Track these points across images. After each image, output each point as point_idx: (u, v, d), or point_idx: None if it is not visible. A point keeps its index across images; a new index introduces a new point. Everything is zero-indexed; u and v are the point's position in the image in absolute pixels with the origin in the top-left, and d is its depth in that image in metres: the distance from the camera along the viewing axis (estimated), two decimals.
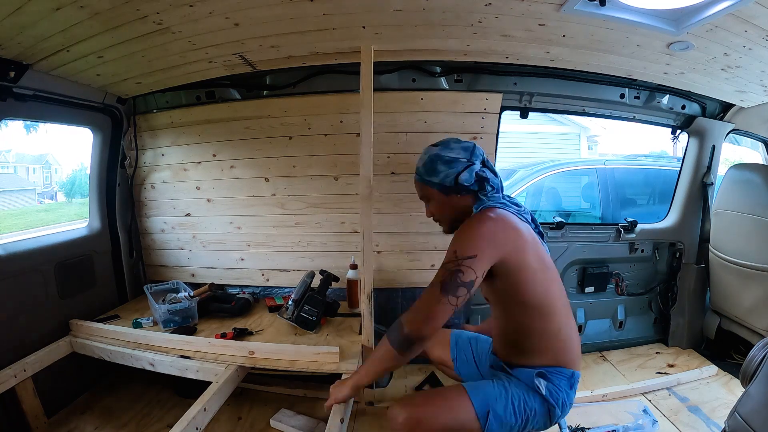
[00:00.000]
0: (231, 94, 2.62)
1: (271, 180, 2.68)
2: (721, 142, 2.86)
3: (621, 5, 1.62)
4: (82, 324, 2.28)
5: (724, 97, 2.65)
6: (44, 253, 2.27)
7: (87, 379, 2.47)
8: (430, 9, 1.73)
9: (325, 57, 2.25)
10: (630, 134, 13.94)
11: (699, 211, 2.98)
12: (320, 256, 2.73)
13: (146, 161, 2.81)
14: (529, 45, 2.08)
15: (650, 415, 2.19)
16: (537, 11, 1.70)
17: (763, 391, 1.33)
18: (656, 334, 3.17)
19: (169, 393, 2.46)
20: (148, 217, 2.89)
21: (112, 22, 1.69)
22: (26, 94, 2.03)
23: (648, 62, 2.18)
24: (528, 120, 2.71)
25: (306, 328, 2.25)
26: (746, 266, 2.55)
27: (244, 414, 2.32)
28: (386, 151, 2.54)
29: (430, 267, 2.70)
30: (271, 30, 1.90)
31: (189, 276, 2.90)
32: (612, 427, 2.12)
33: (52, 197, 8.78)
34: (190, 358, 2.02)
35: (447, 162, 1.51)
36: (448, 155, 1.52)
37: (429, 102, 2.51)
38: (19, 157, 8.42)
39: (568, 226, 2.92)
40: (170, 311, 2.28)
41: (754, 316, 2.56)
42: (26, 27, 1.64)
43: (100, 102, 2.47)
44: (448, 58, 2.34)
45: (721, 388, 2.51)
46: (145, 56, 2.07)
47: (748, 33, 1.72)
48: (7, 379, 1.89)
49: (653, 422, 2.14)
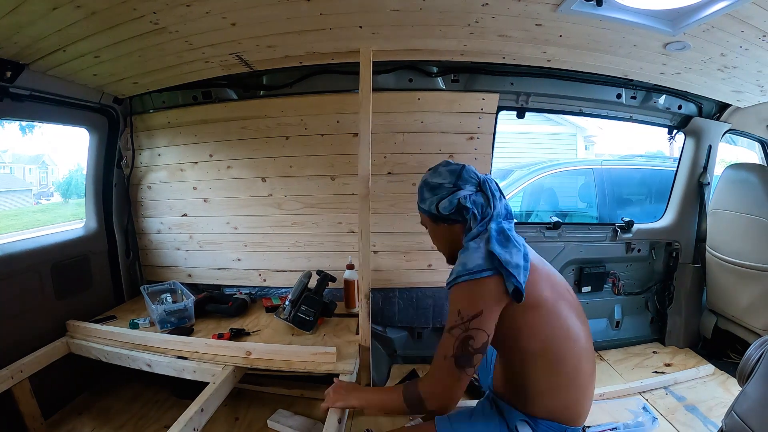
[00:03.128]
0: (228, 94, 2.62)
1: (268, 180, 2.68)
2: (718, 142, 2.87)
3: (618, 5, 1.62)
4: (79, 325, 2.27)
5: (720, 97, 2.66)
6: (41, 253, 2.26)
7: (84, 380, 2.46)
8: (427, 9, 1.73)
9: (322, 57, 2.25)
10: (626, 134, 13.97)
11: (695, 211, 2.99)
12: (317, 256, 2.73)
13: (143, 161, 2.80)
14: (525, 45, 2.08)
15: (650, 412, 2.20)
16: (534, 11, 1.70)
17: (759, 390, 1.33)
18: (653, 334, 3.18)
19: (167, 394, 2.46)
20: (145, 217, 2.88)
21: (109, 21, 1.68)
22: (23, 95, 2.02)
23: (645, 62, 2.18)
24: (524, 120, 2.72)
25: (303, 329, 2.24)
26: (743, 266, 2.56)
27: (241, 414, 2.32)
28: (383, 152, 2.54)
29: (427, 267, 2.70)
30: (268, 30, 1.90)
31: (186, 276, 2.89)
32: (612, 425, 2.12)
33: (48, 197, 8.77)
34: (187, 359, 2.01)
35: (432, 188, 1.40)
36: (434, 180, 1.41)
37: (426, 102, 2.51)
38: (15, 157, 8.40)
39: (564, 226, 2.93)
40: (167, 312, 2.28)
41: (750, 315, 2.57)
42: (23, 27, 1.63)
43: (97, 102, 2.47)
44: (445, 58, 2.34)
45: (718, 387, 2.52)
46: (142, 56, 2.06)
47: (744, 33, 1.73)
48: (4, 381, 1.88)
49: (653, 420, 2.15)
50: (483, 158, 2.58)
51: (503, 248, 1.24)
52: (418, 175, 2.57)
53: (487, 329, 1.19)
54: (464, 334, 1.19)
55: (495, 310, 1.21)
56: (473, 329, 1.18)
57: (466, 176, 1.38)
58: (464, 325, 1.19)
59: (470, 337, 1.18)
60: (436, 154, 2.55)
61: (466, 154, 2.57)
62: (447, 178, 1.39)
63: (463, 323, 1.19)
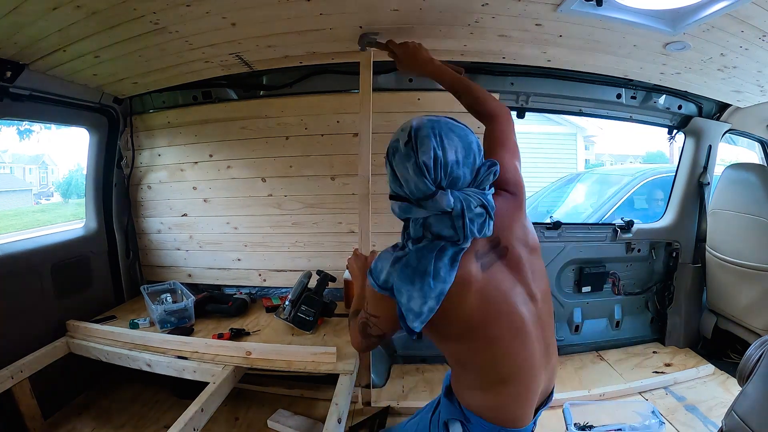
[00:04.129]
0: (228, 94, 2.62)
1: (268, 180, 2.68)
2: (718, 142, 2.87)
3: (618, 5, 1.62)
4: (79, 325, 2.27)
5: (720, 97, 2.66)
6: (41, 253, 2.26)
7: (84, 380, 2.46)
8: (427, 9, 1.73)
9: (322, 56, 2.25)
10: (626, 134, 13.99)
11: (695, 211, 2.99)
12: (317, 256, 2.73)
13: (143, 161, 2.80)
14: (525, 45, 2.08)
15: (658, 416, 2.18)
16: (534, 11, 1.70)
17: (759, 390, 1.33)
18: (653, 334, 3.18)
19: (167, 394, 2.46)
20: (145, 217, 2.88)
21: (109, 21, 1.68)
22: (23, 95, 2.02)
23: (645, 62, 2.18)
24: (524, 120, 2.71)
25: (303, 329, 2.24)
26: (743, 266, 2.56)
27: (241, 414, 2.32)
28: (383, 152, 2.51)
29: None
30: (268, 30, 1.90)
31: (186, 276, 2.89)
32: (618, 426, 2.12)
33: (48, 197, 8.77)
34: (187, 359, 2.01)
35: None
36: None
37: (426, 102, 2.51)
38: (15, 157, 8.42)
39: (564, 226, 2.92)
40: (167, 312, 2.27)
41: (750, 315, 2.57)
42: (23, 27, 1.63)
43: (97, 102, 2.46)
44: (445, 58, 2.32)
45: (718, 387, 2.52)
46: (142, 56, 2.06)
47: (744, 33, 1.72)
48: (4, 380, 1.88)
49: (660, 424, 2.13)
50: None
51: (405, 284, 1.05)
52: None
53: (383, 327, 1.20)
54: (365, 319, 1.22)
55: (392, 319, 1.13)
56: (372, 324, 1.21)
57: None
58: (366, 314, 1.21)
59: (368, 325, 1.21)
60: None
61: None
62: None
63: (365, 313, 1.22)
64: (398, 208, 1.15)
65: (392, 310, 1.09)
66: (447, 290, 1.03)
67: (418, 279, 1.02)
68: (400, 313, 1.07)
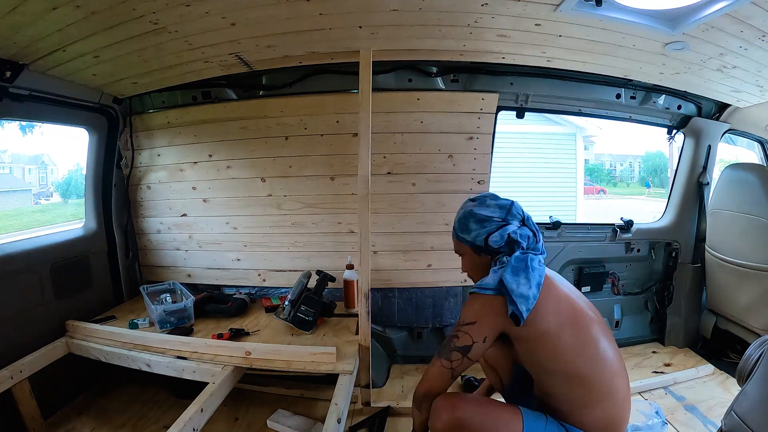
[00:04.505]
0: (227, 94, 2.62)
1: (268, 180, 2.68)
2: (717, 142, 2.87)
3: (617, 5, 1.63)
4: (79, 325, 2.27)
5: (719, 97, 2.66)
6: (40, 253, 2.26)
7: (83, 381, 2.46)
8: (427, 9, 1.73)
9: (321, 56, 2.25)
10: (626, 134, 14.00)
11: (695, 211, 2.99)
12: (316, 256, 2.73)
13: (142, 161, 2.80)
14: (525, 45, 2.08)
15: (661, 416, 2.18)
16: (533, 11, 1.70)
17: (759, 390, 1.33)
18: (652, 334, 3.18)
19: (166, 394, 2.45)
20: (145, 217, 2.88)
21: (109, 21, 1.68)
22: (22, 95, 2.02)
23: (644, 62, 2.18)
24: (524, 120, 2.72)
25: (302, 329, 2.25)
26: (742, 265, 2.56)
27: (241, 415, 2.32)
28: (382, 152, 2.54)
29: (427, 267, 2.70)
30: (268, 30, 1.90)
31: (185, 276, 2.89)
32: None
33: (47, 198, 8.76)
34: (187, 359, 2.01)
35: (480, 221, 1.48)
36: (482, 213, 1.49)
37: (425, 102, 2.51)
38: (15, 157, 8.40)
39: (564, 226, 2.92)
40: (166, 312, 2.28)
41: (750, 314, 2.57)
42: (22, 27, 1.63)
43: (96, 102, 2.47)
44: (445, 58, 2.34)
45: (718, 387, 2.52)
46: (141, 56, 2.06)
47: (743, 33, 1.73)
48: (4, 381, 1.88)
49: (663, 424, 2.13)
50: (482, 158, 2.58)
51: (514, 276, 1.34)
52: (418, 175, 2.59)
53: (473, 335, 1.33)
54: (453, 333, 1.37)
55: (490, 323, 1.35)
56: (462, 332, 1.35)
57: (514, 212, 1.50)
58: (457, 328, 1.37)
59: (456, 336, 1.35)
60: (436, 154, 2.56)
61: (465, 154, 2.57)
62: (496, 212, 1.49)
63: (457, 326, 1.37)
64: (499, 236, 1.46)
65: (497, 304, 1.33)
66: (543, 281, 1.35)
67: (522, 271, 1.34)
68: (509, 299, 1.30)
